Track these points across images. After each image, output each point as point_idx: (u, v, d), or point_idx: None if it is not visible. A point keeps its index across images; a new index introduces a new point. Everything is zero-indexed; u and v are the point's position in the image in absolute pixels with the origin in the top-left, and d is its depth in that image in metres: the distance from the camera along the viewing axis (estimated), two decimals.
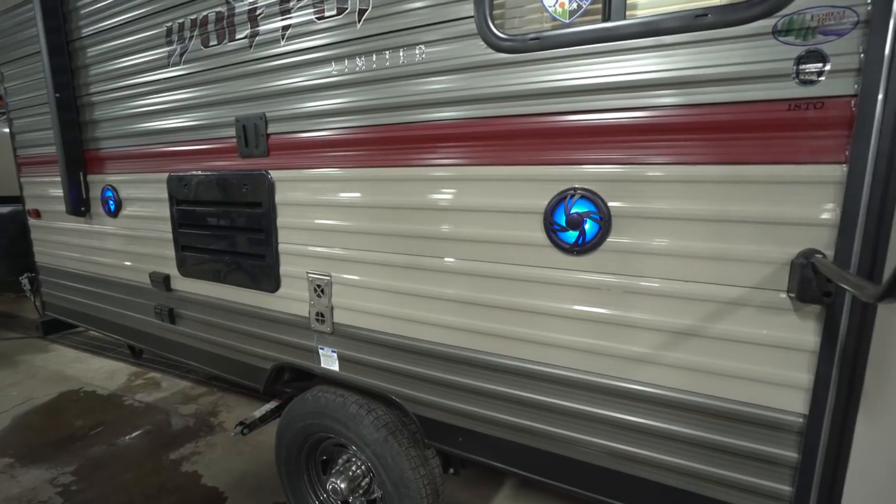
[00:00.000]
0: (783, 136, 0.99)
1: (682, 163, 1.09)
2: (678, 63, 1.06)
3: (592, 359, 1.25)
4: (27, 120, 2.68)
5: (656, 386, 1.19)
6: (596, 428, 1.28)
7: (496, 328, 1.37)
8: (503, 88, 1.25)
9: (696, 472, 1.18)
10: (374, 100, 1.46)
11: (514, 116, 1.25)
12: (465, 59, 1.29)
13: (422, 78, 1.37)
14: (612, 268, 1.19)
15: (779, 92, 0.98)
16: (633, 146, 1.13)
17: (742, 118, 1.02)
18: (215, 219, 1.94)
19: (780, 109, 0.98)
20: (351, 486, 1.87)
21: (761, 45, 0.98)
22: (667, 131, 1.09)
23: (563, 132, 1.20)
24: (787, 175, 0.99)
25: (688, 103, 1.07)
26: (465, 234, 1.37)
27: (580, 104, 1.17)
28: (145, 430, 3.01)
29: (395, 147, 1.45)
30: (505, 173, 1.29)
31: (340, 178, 1.58)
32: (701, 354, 1.13)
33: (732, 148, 1.04)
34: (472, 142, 1.32)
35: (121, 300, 2.47)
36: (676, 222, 1.11)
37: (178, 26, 1.87)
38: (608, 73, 1.13)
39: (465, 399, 1.46)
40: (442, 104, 1.35)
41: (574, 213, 1.20)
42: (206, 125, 1.89)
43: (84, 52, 2.27)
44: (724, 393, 1.11)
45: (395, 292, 1.53)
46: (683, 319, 1.13)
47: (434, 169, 1.39)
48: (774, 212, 1.01)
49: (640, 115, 1.11)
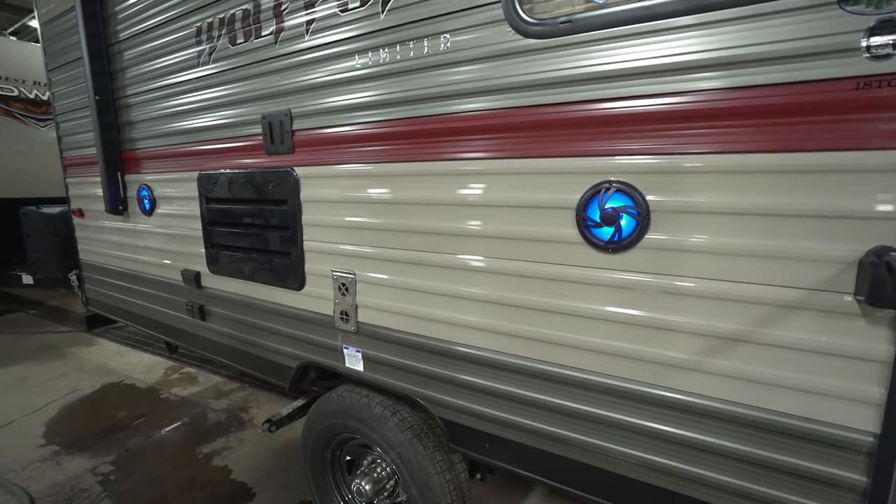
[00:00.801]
0: (850, 119, 0.87)
1: (730, 151, 0.99)
2: (725, 42, 0.96)
3: (629, 364, 1.16)
4: (71, 123, 2.79)
5: (700, 396, 1.09)
6: (633, 439, 1.19)
7: (525, 330, 1.30)
8: (533, 76, 1.18)
9: (744, 490, 1.07)
10: (397, 92, 1.41)
11: (544, 106, 1.18)
12: (493, 46, 1.23)
13: (447, 68, 1.31)
14: (651, 267, 1.10)
15: (845, 69, 0.86)
16: (675, 135, 1.03)
17: (799, 100, 0.91)
18: (242, 216, 1.95)
19: (847, 89, 0.87)
20: (376, 487, 1.84)
21: (823, 16, 0.87)
22: (713, 117, 0.99)
23: (598, 121, 1.11)
24: (854, 163, 0.88)
25: (736, 86, 0.96)
26: (493, 230, 1.30)
27: (616, 90, 1.08)
28: (180, 424, 3.09)
29: (420, 141, 1.40)
30: (535, 166, 1.22)
31: (365, 174, 1.54)
32: (750, 363, 1.02)
33: (787, 134, 0.93)
34: (500, 133, 1.26)
35: (155, 297, 2.53)
36: (723, 217, 1.01)
37: (207, 26, 1.89)
38: (647, 55, 1.04)
39: (493, 404, 1.40)
40: (468, 95, 1.29)
41: (609, 207, 1.12)
42: (234, 123, 1.90)
43: (121, 56, 2.34)
44: (778, 406, 1.00)
45: (420, 291, 1.48)
46: (731, 324, 1.03)
47: (461, 163, 1.33)
48: (838, 205, 0.90)
49: (683, 100, 1.02)
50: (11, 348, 4.48)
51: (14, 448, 2.82)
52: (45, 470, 2.61)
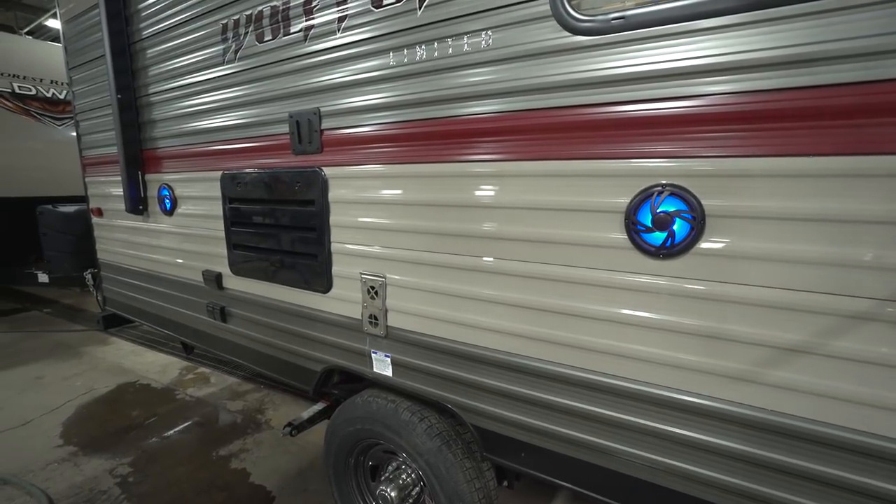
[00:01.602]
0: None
1: (796, 154, 0.94)
2: (792, 39, 0.91)
3: (678, 374, 1.12)
4: (91, 122, 2.78)
5: (760, 409, 1.03)
6: (683, 452, 1.14)
7: (568, 337, 1.25)
8: (580, 75, 1.13)
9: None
10: (433, 91, 1.37)
11: (591, 105, 1.13)
12: (537, 43, 1.18)
13: (485, 66, 1.27)
14: (704, 273, 1.05)
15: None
16: (735, 136, 0.99)
17: (874, 100, 0.86)
18: (267, 217, 1.92)
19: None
20: (401, 494, 1.80)
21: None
22: (777, 118, 0.94)
23: (650, 122, 1.07)
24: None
25: (804, 85, 0.92)
26: (534, 234, 1.26)
27: (669, 90, 1.03)
28: (196, 425, 3.07)
29: (456, 141, 1.36)
30: (580, 168, 1.17)
31: (398, 175, 1.50)
32: (814, 375, 0.97)
33: (860, 136, 0.88)
34: (543, 134, 1.21)
35: (174, 297, 2.51)
36: (787, 223, 0.96)
37: (234, 23, 1.86)
38: (704, 53, 0.99)
39: (531, 413, 1.35)
40: (508, 94, 1.24)
41: (661, 212, 1.07)
42: (260, 122, 1.87)
43: (144, 54, 2.31)
44: (848, 422, 0.95)
45: (457, 296, 1.43)
46: (793, 334, 0.98)
47: (501, 164, 1.29)
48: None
49: (744, 100, 0.97)
50: (27, 347, 4.49)
51: (32, 448, 2.81)
52: (63, 471, 2.59)
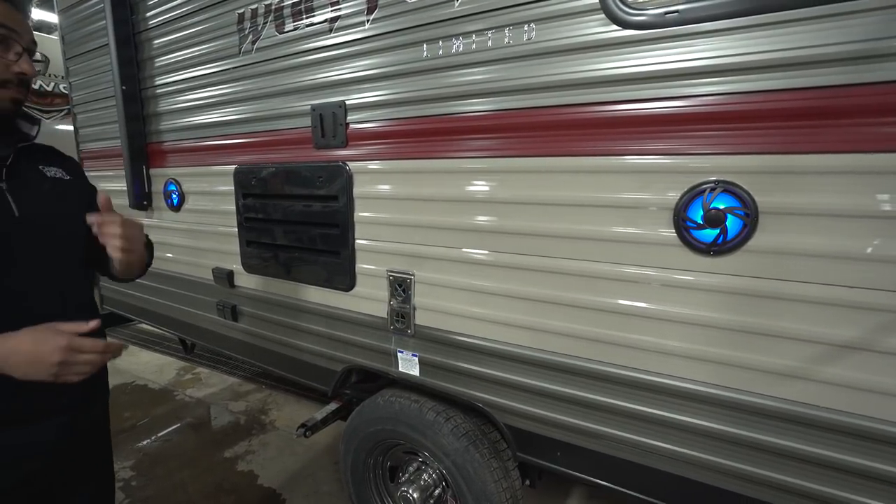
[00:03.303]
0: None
1: (853, 151, 0.93)
2: (851, 35, 0.91)
3: (724, 371, 1.11)
4: (91, 114, 2.68)
5: (813, 406, 1.04)
6: (733, 450, 1.14)
7: (611, 335, 1.24)
8: (630, 69, 1.12)
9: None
10: (470, 85, 1.34)
11: (641, 101, 1.12)
12: (584, 37, 1.16)
13: (529, 59, 1.24)
14: (757, 271, 1.05)
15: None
16: (789, 132, 0.98)
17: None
18: (284, 213, 1.87)
19: None
20: (423, 496, 1.77)
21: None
22: (837, 115, 0.94)
23: (702, 118, 1.05)
24: None
25: (863, 82, 0.91)
26: (578, 231, 1.24)
27: (725, 86, 1.02)
28: (198, 426, 2.99)
29: (487, 136, 1.34)
30: (628, 164, 1.15)
31: (430, 170, 1.47)
32: (867, 372, 0.97)
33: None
34: (587, 129, 1.19)
35: (182, 296, 2.44)
36: (842, 220, 0.96)
37: (251, 13, 1.80)
38: (760, 48, 0.98)
39: (573, 412, 1.34)
40: (550, 88, 1.22)
41: (713, 208, 1.06)
42: (278, 115, 1.81)
43: (150, 44, 2.23)
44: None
45: (491, 294, 1.41)
46: (847, 331, 0.98)
47: (540, 160, 1.27)
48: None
49: (800, 97, 0.96)
50: None
51: None
52: None
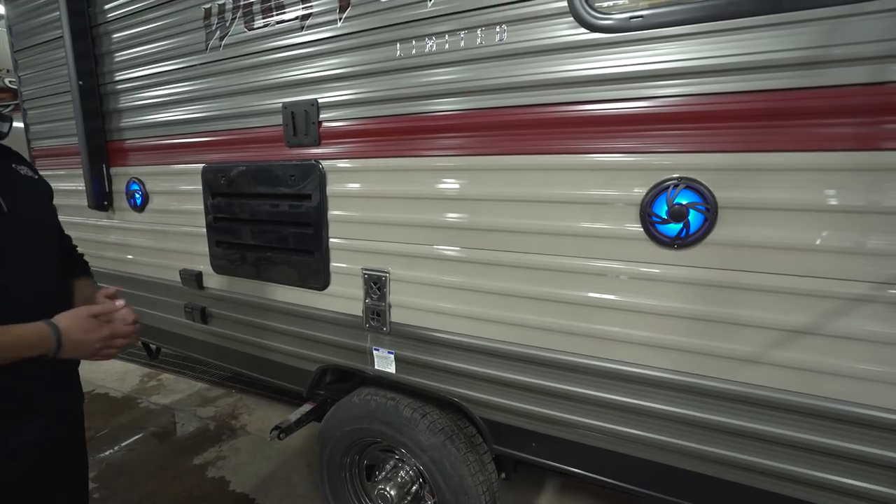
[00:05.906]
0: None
1: (805, 149, 1.01)
2: (802, 42, 0.97)
3: (688, 358, 1.18)
4: (43, 110, 2.54)
5: (772, 389, 1.11)
6: (703, 434, 1.21)
7: (581, 327, 1.28)
8: (594, 71, 1.16)
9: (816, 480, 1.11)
10: (442, 84, 1.36)
11: (609, 101, 1.16)
12: (554, 39, 1.20)
13: (502, 60, 1.27)
14: (717, 262, 1.11)
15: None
16: (747, 132, 1.05)
17: (880, 101, 0.94)
18: (255, 213, 1.83)
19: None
20: (400, 493, 1.78)
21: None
22: (787, 116, 1.01)
23: (666, 118, 1.11)
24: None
25: (810, 86, 0.99)
26: (548, 226, 1.28)
27: (688, 87, 1.08)
28: (164, 434, 2.89)
29: (460, 134, 1.36)
30: (595, 162, 1.20)
31: (404, 168, 1.48)
32: (816, 353, 1.05)
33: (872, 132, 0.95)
34: (555, 129, 1.23)
35: (147, 299, 2.35)
36: (796, 213, 1.03)
37: (219, 8, 1.76)
38: (718, 53, 1.04)
39: (546, 403, 1.38)
40: (524, 88, 1.26)
41: (677, 203, 1.12)
42: (248, 113, 1.78)
43: (109, 38, 2.14)
44: (848, 396, 1.04)
45: (466, 290, 1.43)
46: (799, 317, 1.05)
47: (512, 158, 1.30)
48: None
49: (755, 99, 1.03)
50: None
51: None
52: None
